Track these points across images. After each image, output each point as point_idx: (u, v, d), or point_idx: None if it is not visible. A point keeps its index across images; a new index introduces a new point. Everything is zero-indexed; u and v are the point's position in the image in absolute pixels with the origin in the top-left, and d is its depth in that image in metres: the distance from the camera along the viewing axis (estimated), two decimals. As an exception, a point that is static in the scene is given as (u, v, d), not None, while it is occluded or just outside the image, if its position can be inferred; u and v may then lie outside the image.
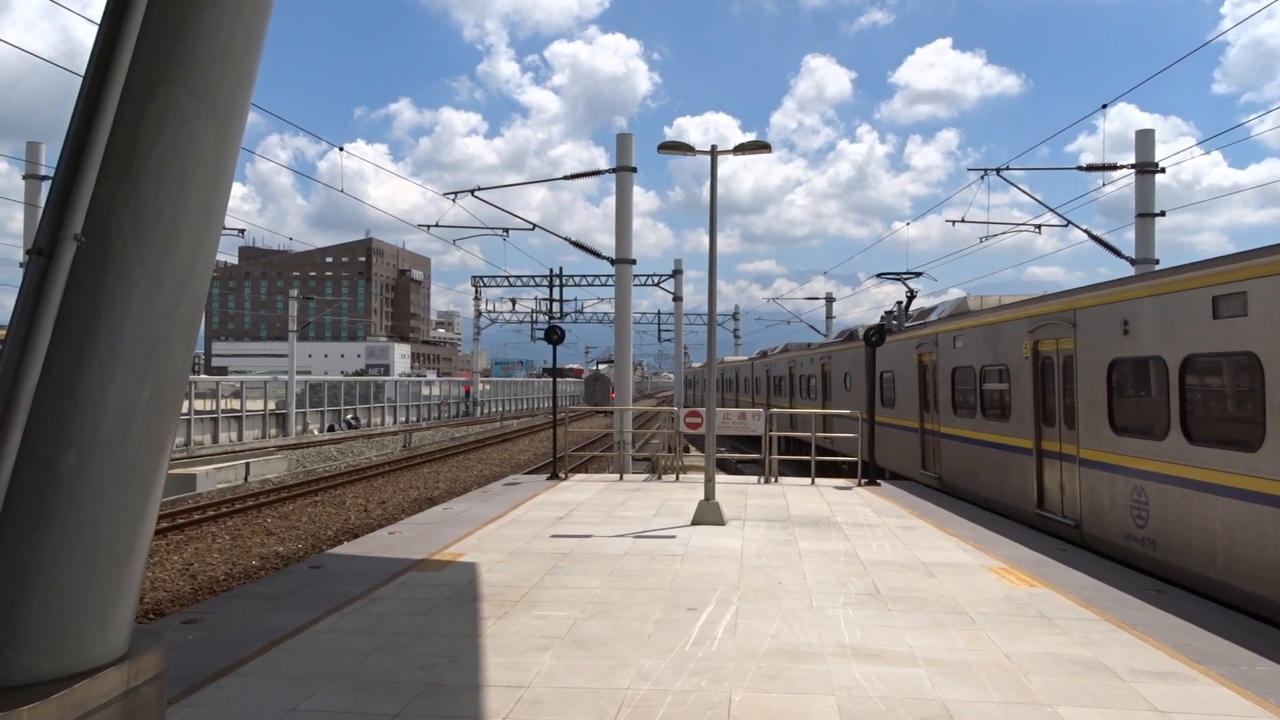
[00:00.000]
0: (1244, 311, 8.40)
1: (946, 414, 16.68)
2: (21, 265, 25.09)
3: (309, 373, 69.86)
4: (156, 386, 3.77)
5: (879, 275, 23.14)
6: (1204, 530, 8.90)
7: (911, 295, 19.85)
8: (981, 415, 14.90)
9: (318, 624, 7.51)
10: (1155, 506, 9.78)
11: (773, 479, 18.09)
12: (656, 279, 53.35)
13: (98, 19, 3.75)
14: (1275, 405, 7.91)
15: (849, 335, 25.16)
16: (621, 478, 18.93)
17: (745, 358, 49.40)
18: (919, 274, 20.21)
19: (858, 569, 9.78)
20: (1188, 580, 9.17)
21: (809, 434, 19.75)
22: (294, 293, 51.22)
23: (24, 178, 28.99)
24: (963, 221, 27.29)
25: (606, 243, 24.40)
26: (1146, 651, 6.86)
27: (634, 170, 22.76)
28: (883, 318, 21.30)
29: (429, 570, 9.60)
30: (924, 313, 19.77)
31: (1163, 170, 23.98)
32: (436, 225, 29.31)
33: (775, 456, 18.27)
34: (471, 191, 25.07)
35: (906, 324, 20.42)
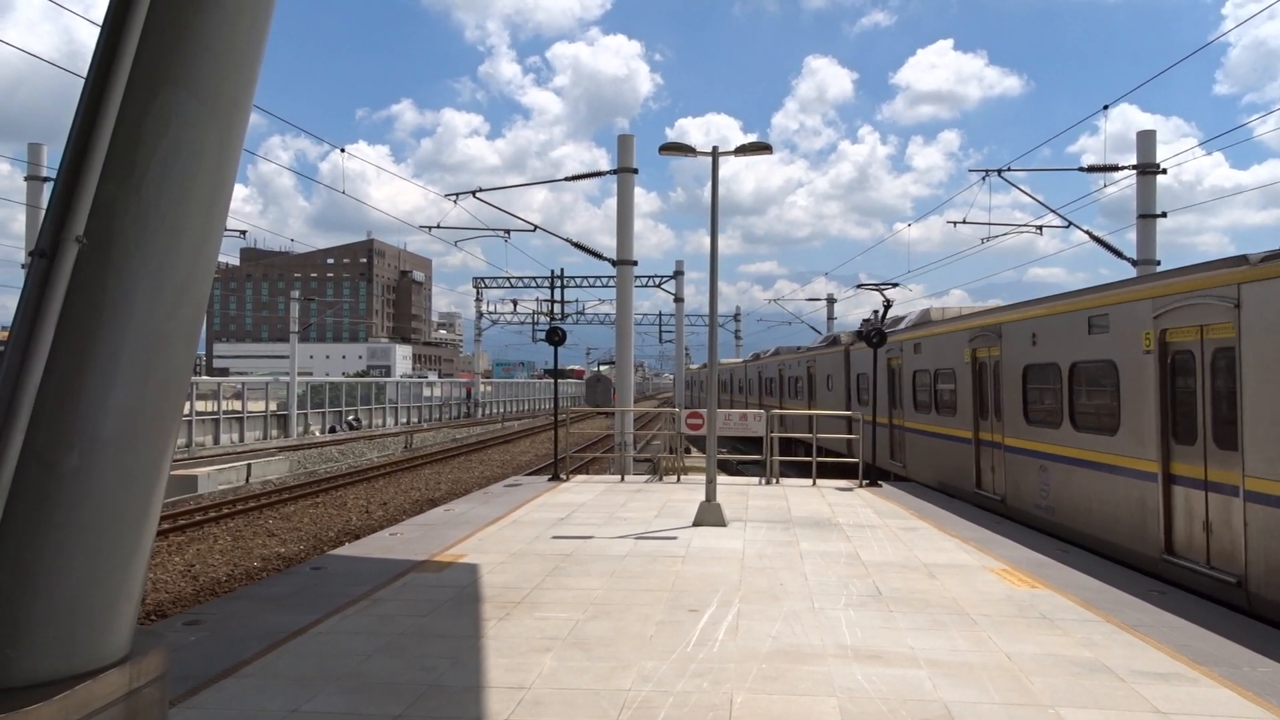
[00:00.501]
0: (1107, 329, 11.06)
1: (909, 411, 19.03)
2: (24, 267, 25.13)
3: (310, 374, 69.90)
4: (158, 388, 3.77)
5: (859, 286, 25.32)
6: (1083, 496, 11.58)
7: (888, 304, 21.72)
8: (935, 412, 17.11)
9: (319, 625, 7.51)
10: (1054, 481, 12.40)
11: (774, 480, 18.08)
12: (658, 280, 53.39)
13: (100, 20, 3.75)
14: (1126, 399, 10.54)
15: (833, 340, 27.59)
16: (623, 479, 18.93)
17: (739, 360, 52.17)
18: (895, 284, 22.30)
19: (859, 570, 9.77)
20: (1073, 537, 11.61)
21: (804, 435, 21.27)
22: (295, 294, 51.23)
23: (26, 179, 29.01)
24: (964, 223, 27.30)
25: (608, 244, 24.42)
26: (1148, 653, 6.86)
27: (635, 171, 22.76)
28: (862, 324, 23.39)
29: (430, 571, 9.61)
30: (896, 320, 21.83)
31: (1164, 171, 23.97)
32: (438, 226, 29.34)
33: (776, 458, 18.28)
34: (473, 193, 25.08)
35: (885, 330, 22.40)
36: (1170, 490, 9.68)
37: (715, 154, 13.66)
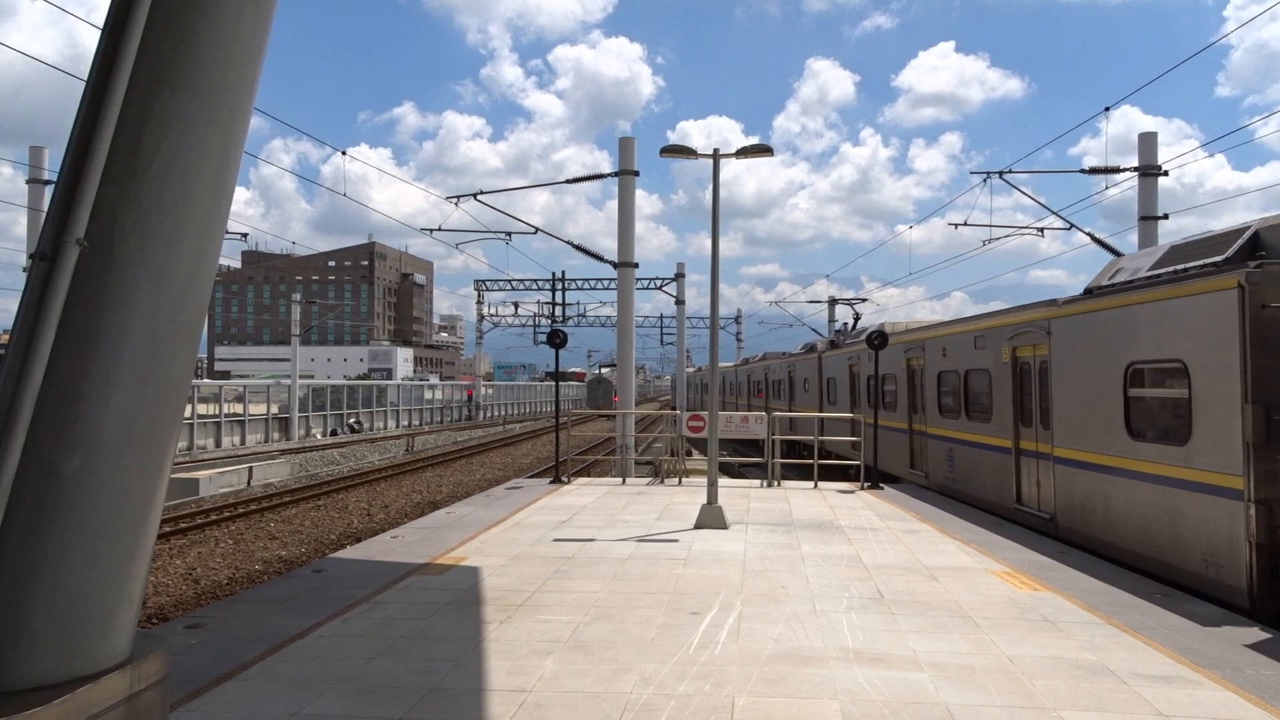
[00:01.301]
0: (984, 346, 15.15)
1: (865, 409, 22.41)
2: (25, 270, 25.14)
3: (312, 377, 69.88)
4: (159, 390, 3.77)
5: (832, 301, 31.97)
6: (973, 469, 15.69)
7: (857, 317, 26.47)
8: (884, 408, 20.52)
9: (320, 628, 7.51)
10: (957, 459, 16.45)
11: (775, 482, 18.07)
12: (659, 283, 53.36)
13: (101, 24, 3.75)
14: (995, 396, 14.65)
15: (810, 348, 31.79)
16: (624, 481, 18.92)
17: (730, 364, 55.58)
18: (864, 300, 28.37)
19: (861, 573, 9.76)
20: (968, 500, 15.56)
21: (797, 436, 24.38)
22: (297, 297, 51.19)
23: (28, 182, 29.03)
24: (965, 225, 27.27)
25: (609, 246, 24.42)
26: (1150, 655, 6.85)
27: (636, 174, 22.77)
28: (835, 334, 28.28)
29: (432, 574, 9.60)
30: (859, 332, 26.09)
31: (1165, 173, 23.96)
32: (439, 229, 29.31)
33: (778, 460, 18.28)
34: (474, 195, 25.07)
35: (847, 341, 26.89)
36: (1019, 459, 13.78)
37: (716, 156, 13.67)
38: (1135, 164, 24.20)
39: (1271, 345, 8.42)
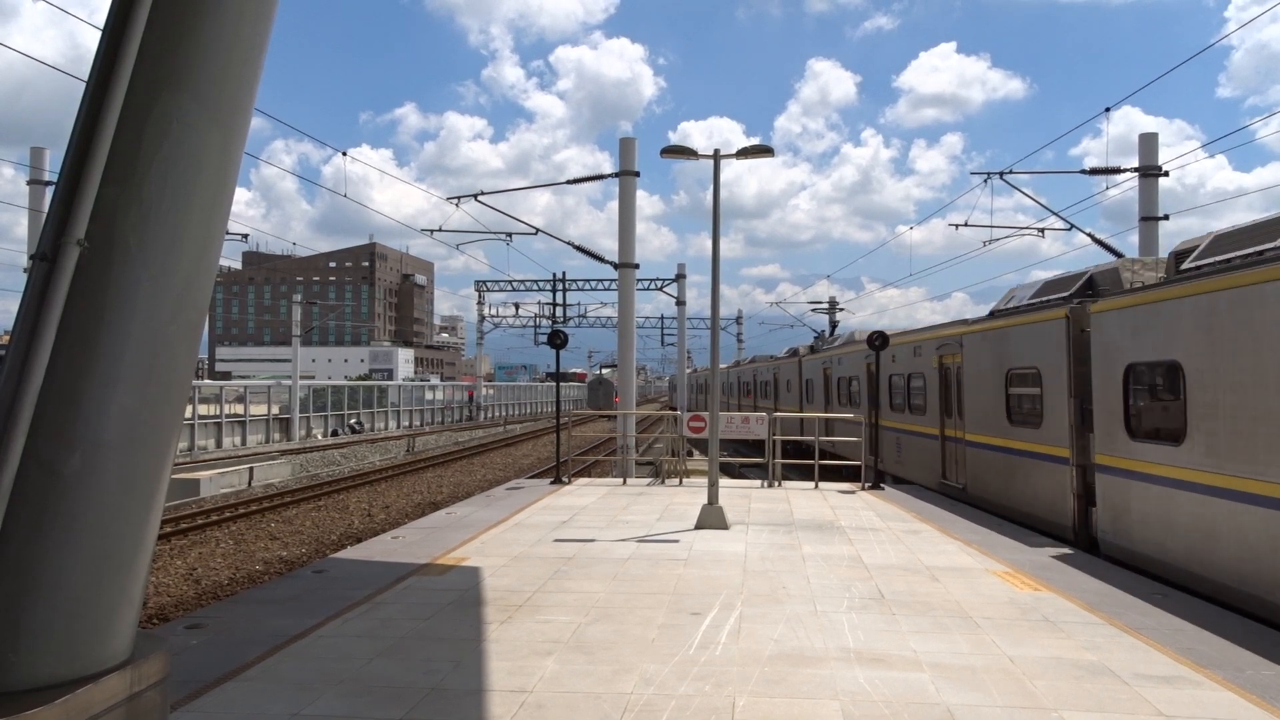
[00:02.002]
0: (921, 354, 18.54)
1: (835, 406, 26.65)
2: (26, 270, 25.13)
3: (312, 377, 69.85)
4: (160, 391, 3.77)
5: (812, 307, 37.00)
6: (915, 453, 18.98)
7: (834, 325, 30.75)
8: (850, 404, 24.19)
9: (321, 628, 7.51)
10: (904, 447, 19.77)
11: (776, 483, 18.07)
12: (660, 283, 53.34)
13: (102, 24, 3.75)
14: (928, 394, 18.06)
15: (792, 352, 35.57)
16: (625, 482, 18.92)
17: (724, 366, 58.92)
18: (842, 309, 33.09)
19: (861, 573, 9.76)
20: (909, 478, 18.90)
21: (791, 436, 25.51)
22: (297, 297, 51.16)
23: (28, 183, 29.05)
24: (966, 225, 27.28)
25: (610, 247, 24.43)
26: (1151, 656, 6.84)
27: (637, 174, 22.77)
28: (815, 339, 33.23)
29: (432, 575, 9.60)
30: (835, 338, 32.23)
31: (1165, 174, 23.96)
32: (440, 230, 29.31)
33: (778, 460, 18.28)
34: (475, 196, 25.08)
35: (824, 347, 31.50)
36: (944, 444, 17.23)
37: (716, 157, 13.67)
38: (1136, 165, 24.19)
39: (1084, 357, 11.76)
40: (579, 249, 25.86)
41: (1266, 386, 8.01)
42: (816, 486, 17.63)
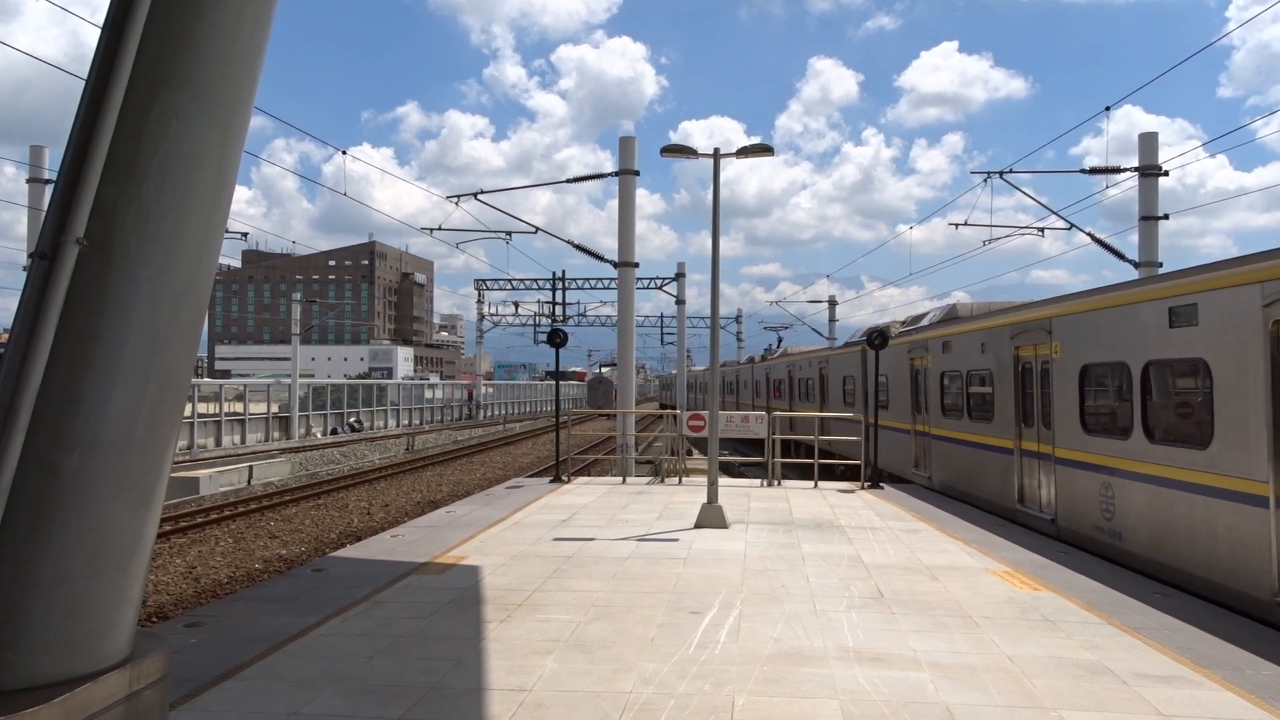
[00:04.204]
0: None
1: (799, 401, 30.31)
2: (25, 269, 25.12)
3: (312, 376, 69.87)
4: (159, 389, 3.76)
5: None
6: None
7: (780, 340, 34.64)
8: (805, 400, 27.25)
9: (320, 627, 7.51)
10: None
11: (775, 482, 18.07)
12: (660, 282, 53.33)
13: (101, 23, 3.75)
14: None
15: (782, 354, 38.83)
16: (624, 481, 18.92)
17: (701, 368, 61.73)
18: (788, 327, 39.97)
19: (861, 572, 9.76)
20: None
21: (790, 436, 25.79)
22: (297, 296, 51.16)
23: (28, 181, 29.02)
24: (966, 225, 27.29)
25: (610, 246, 24.44)
26: (1150, 655, 6.84)
27: (637, 174, 22.75)
28: (765, 351, 43.14)
29: (432, 573, 9.60)
30: (784, 353, 38.07)
31: (1166, 173, 23.94)
32: (440, 229, 29.31)
33: (778, 459, 18.28)
34: (475, 195, 25.08)
35: (771, 357, 37.48)
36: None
37: (716, 156, 13.67)
38: (1136, 164, 24.18)
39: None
40: (579, 248, 25.86)
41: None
42: (816, 485, 17.63)
